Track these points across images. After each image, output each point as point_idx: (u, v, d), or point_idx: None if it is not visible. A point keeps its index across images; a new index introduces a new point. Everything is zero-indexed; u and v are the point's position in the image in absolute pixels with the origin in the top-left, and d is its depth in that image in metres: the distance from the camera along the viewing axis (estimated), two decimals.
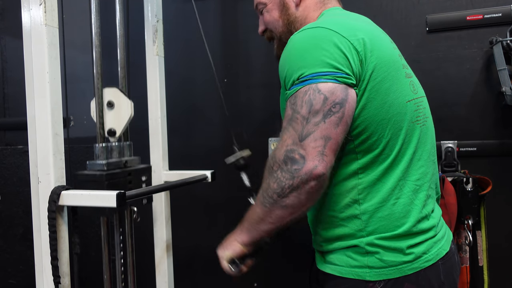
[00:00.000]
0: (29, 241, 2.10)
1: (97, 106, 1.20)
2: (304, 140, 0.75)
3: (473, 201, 1.42)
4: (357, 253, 0.85)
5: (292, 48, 0.84)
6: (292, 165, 0.75)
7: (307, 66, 0.79)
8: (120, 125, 1.22)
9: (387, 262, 0.83)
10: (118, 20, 1.32)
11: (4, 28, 2.22)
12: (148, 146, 1.50)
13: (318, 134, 0.75)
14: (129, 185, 1.21)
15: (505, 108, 1.53)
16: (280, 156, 0.77)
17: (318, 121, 0.76)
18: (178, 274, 1.62)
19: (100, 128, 1.20)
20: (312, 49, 0.81)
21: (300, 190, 0.76)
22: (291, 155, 0.75)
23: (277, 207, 0.79)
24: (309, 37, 0.83)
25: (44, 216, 1.02)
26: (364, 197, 0.85)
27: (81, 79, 1.95)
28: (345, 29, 0.83)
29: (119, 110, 1.22)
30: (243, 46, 1.86)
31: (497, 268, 1.53)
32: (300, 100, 0.78)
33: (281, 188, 0.77)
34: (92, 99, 1.23)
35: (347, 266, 0.86)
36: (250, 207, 0.89)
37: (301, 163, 0.74)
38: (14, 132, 2.22)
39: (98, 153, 1.17)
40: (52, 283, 1.02)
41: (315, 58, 0.79)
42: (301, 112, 0.77)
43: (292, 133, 0.77)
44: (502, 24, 1.53)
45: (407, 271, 0.83)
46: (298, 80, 0.80)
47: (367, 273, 0.84)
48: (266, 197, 0.80)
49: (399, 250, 0.83)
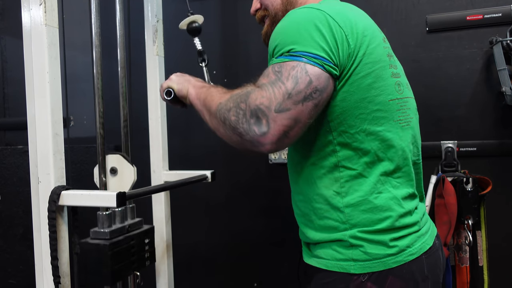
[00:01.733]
0: (29, 241, 2.10)
1: (100, 172, 1.21)
2: (279, 113, 0.75)
3: (473, 201, 1.43)
4: (341, 246, 0.86)
5: (290, 21, 0.84)
6: (255, 125, 0.75)
7: (300, 42, 0.79)
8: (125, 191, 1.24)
9: (371, 255, 0.84)
10: (118, 20, 1.32)
11: (4, 28, 2.22)
12: (148, 146, 1.50)
13: (293, 114, 0.75)
14: (132, 250, 1.24)
15: (505, 108, 1.53)
16: (251, 104, 0.76)
17: (297, 100, 0.76)
18: (178, 274, 1.62)
19: None
20: (309, 27, 0.81)
21: (242, 142, 0.79)
22: (260, 117, 0.75)
23: (222, 127, 0.82)
24: (310, 16, 0.83)
25: (44, 216, 1.02)
26: (346, 191, 0.86)
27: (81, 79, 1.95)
28: (345, 20, 0.83)
29: (122, 176, 1.24)
30: (243, 46, 1.86)
31: (497, 268, 1.53)
32: (287, 72, 0.77)
33: (234, 126, 0.78)
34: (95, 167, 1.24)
35: (333, 259, 0.87)
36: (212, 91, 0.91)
37: (262, 131, 0.75)
38: (14, 132, 2.22)
39: (101, 221, 1.18)
40: (52, 283, 1.02)
41: (310, 37, 0.79)
42: (286, 84, 0.76)
43: (272, 96, 0.76)
44: (502, 24, 1.53)
45: (391, 264, 0.84)
46: (288, 53, 0.79)
47: (352, 266, 0.84)
48: (222, 112, 0.81)
49: (382, 243, 0.84)
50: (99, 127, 1.22)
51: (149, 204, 1.49)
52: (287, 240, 1.81)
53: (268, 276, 1.85)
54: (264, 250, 1.85)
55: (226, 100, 0.82)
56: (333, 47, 0.80)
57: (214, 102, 0.86)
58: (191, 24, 1.29)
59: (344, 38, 0.81)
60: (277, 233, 1.82)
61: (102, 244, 1.13)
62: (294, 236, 1.81)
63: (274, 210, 1.80)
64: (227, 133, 0.81)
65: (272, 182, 1.81)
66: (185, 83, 1.01)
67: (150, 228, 1.35)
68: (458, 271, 1.48)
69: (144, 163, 1.54)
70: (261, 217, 1.84)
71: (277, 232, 1.82)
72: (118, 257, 1.16)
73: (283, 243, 1.82)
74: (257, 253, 1.86)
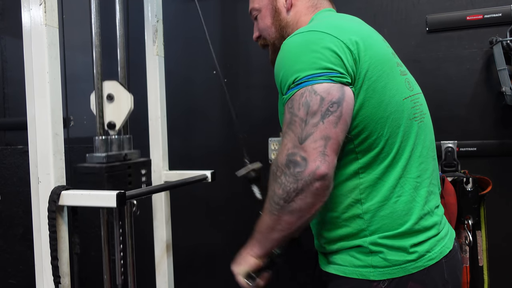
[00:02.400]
0: (29, 241, 2.10)
1: (97, 99, 1.21)
2: (304, 142, 0.75)
3: (473, 201, 1.42)
4: (360, 253, 0.86)
5: (285, 52, 0.85)
6: (295, 168, 0.74)
7: (301, 70, 0.79)
8: (120, 118, 1.22)
9: (391, 261, 0.83)
10: (118, 20, 1.32)
11: (4, 28, 2.22)
12: (148, 146, 1.50)
13: (318, 135, 0.75)
14: (128, 178, 1.21)
15: (505, 108, 1.53)
16: (282, 161, 0.77)
17: (316, 122, 0.76)
18: (178, 274, 1.62)
19: (100, 121, 1.20)
20: (304, 52, 0.81)
21: (305, 193, 0.75)
22: (293, 158, 0.75)
23: (285, 213, 0.78)
24: (301, 41, 0.83)
25: (44, 216, 1.02)
26: (366, 197, 0.85)
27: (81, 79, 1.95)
28: (337, 30, 0.84)
29: (119, 103, 1.23)
30: (243, 46, 1.86)
31: (497, 268, 1.53)
32: (297, 103, 0.78)
33: (286, 192, 0.76)
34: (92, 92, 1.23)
35: (351, 266, 0.87)
36: (259, 218, 0.88)
37: (303, 165, 0.74)
38: (14, 132, 2.22)
39: (98, 145, 1.17)
40: (52, 283, 1.02)
41: (308, 61, 0.80)
42: (299, 115, 0.77)
43: (292, 136, 0.77)
44: (502, 24, 1.53)
45: (411, 270, 0.83)
46: (293, 84, 0.80)
47: (371, 272, 0.84)
48: (273, 204, 0.79)
49: (402, 249, 0.84)
50: (99, 127, 1.22)
51: (149, 204, 1.49)
52: None
53: None
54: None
55: (268, 197, 0.82)
56: (334, 58, 0.80)
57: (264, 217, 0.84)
58: (250, 174, 1.25)
59: (343, 46, 0.81)
60: None
61: (98, 167, 1.11)
62: None
63: None
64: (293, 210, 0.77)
65: None
66: (242, 256, 0.97)
67: (147, 160, 1.34)
68: None
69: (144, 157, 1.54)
70: None
71: None
72: (114, 181, 1.14)
73: None
74: None
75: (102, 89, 1.21)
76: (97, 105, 1.20)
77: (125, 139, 1.29)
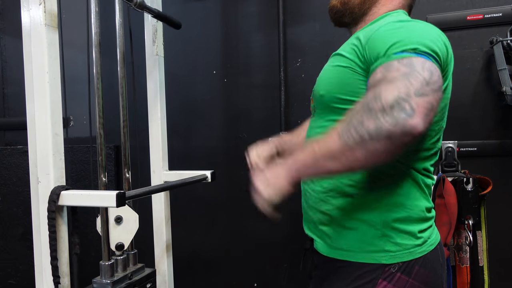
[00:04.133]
0: (29, 241, 2.10)
1: (104, 222, 1.21)
2: (420, 96, 0.71)
3: (473, 201, 1.42)
4: (373, 237, 0.88)
5: (405, 27, 0.85)
6: (400, 112, 0.69)
7: (422, 44, 0.79)
8: (128, 239, 1.24)
9: (401, 245, 0.87)
10: (118, 20, 1.32)
11: (4, 28, 2.22)
12: (148, 146, 1.50)
13: (431, 99, 0.73)
14: None
15: (505, 108, 1.53)
16: (388, 99, 0.71)
17: (434, 89, 0.74)
18: (178, 274, 1.62)
19: (106, 243, 1.21)
20: (427, 33, 0.83)
21: (394, 139, 0.70)
22: (402, 103, 0.70)
23: (361, 147, 0.72)
24: (425, 25, 0.86)
25: (44, 216, 1.01)
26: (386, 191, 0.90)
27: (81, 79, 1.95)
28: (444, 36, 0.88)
29: (127, 225, 1.24)
30: (243, 46, 1.86)
31: (497, 268, 1.53)
32: (420, 65, 0.75)
33: (378, 129, 0.70)
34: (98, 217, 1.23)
35: (362, 251, 0.89)
36: (312, 142, 0.79)
37: (409, 115, 0.69)
38: (14, 132, 2.22)
39: (104, 271, 1.19)
40: (52, 283, 1.02)
41: (430, 41, 0.81)
42: (423, 74, 0.74)
43: (409, 85, 0.72)
44: (502, 24, 1.53)
45: (417, 254, 0.87)
46: (413, 50, 0.78)
47: (383, 256, 0.87)
48: (353, 133, 0.72)
49: (411, 233, 0.88)
50: (99, 127, 1.22)
51: (149, 204, 1.49)
52: (287, 240, 1.81)
53: (268, 276, 1.85)
54: (264, 250, 1.85)
55: (347, 123, 0.74)
56: (444, 55, 0.83)
57: (331, 140, 0.76)
58: None
59: (449, 48, 0.87)
60: (277, 233, 1.82)
61: None
62: (294, 236, 1.82)
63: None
64: (370, 149, 0.72)
65: None
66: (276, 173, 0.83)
67: (152, 272, 1.36)
68: (458, 271, 1.48)
69: (144, 163, 1.54)
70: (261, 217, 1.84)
71: (277, 232, 1.82)
72: None
73: (283, 243, 1.82)
74: (257, 253, 1.86)
75: (108, 211, 1.22)
76: (104, 228, 1.21)
77: (130, 256, 1.31)
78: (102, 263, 1.19)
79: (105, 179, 1.21)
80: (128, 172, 1.35)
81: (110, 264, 1.19)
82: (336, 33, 1.71)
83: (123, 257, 1.26)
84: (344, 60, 0.90)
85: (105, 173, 1.21)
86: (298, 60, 1.78)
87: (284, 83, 1.77)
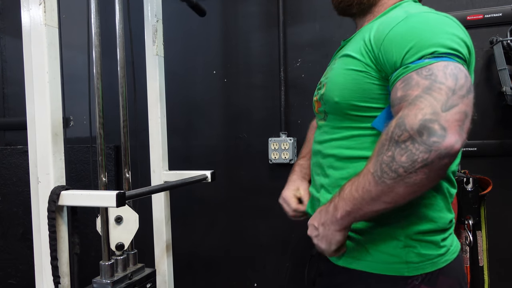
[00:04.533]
0: (29, 241, 2.10)
1: (104, 222, 1.21)
2: (448, 111, 0.67)
3: (473, 201, 1.42)
4: (396, 248, 0.84)
5: (421, 24, 0.79)
6: (430, 136, 0.65)
7: (441, 45, 0.75)
8: (128, 239, 1.24)
9: (424, 256, 0.83)
10: (118, 20, 1.32)
11: (4, 28, 2.22)
12: (148, 146, 1.50)
13: (462, 108, 0.69)
14: None
15: (505, 108, 1.53)
16: (414, 125, 0.66)
17: (462, 95, 0.70)
18: (178, 274, 1.62)
19: (106, 243, 1.20)
20: (444, 30, 0.77)
21: (432, 166, 0.66)
22: (430, 126, 0.65)
23: (401, 184, 0.68)
24: (439, 19, 0.80)
25: (43, 216, 1.01)
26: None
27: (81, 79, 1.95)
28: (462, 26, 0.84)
29: (127, 224, 1.24)
30: (243, 46, 1.86)
31: (497, 268, 1.53)
32: (442, 72, 0.71)
33: (412, 161, 0.66)
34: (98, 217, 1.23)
35: (383, 262, 0.84)
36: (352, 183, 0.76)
37: (441, 136, 0.65)
38: (14, 132, 2.22)
39: (104, 271, 1.18)
40: (52, 283, 1.01)
41: (449, 39, 0.76)
42: (446, 83, 0.69)
43: (432, 101, 0.68)
44: (502, 24, 1.53)
45: (441, 264, 0.84)
46: (431, 55, 0.74)
47: (405, 268, 0.83)
48: (387, 171, 0.68)
49: (434, 243, 0.84)
50: (99, 127, 1.22)
51: (149, 204, 1.49)
52: (288, 240, 1.81)
53: (268, 276, 1.85)
54: (264, 250, 1.85)
55: (378, 161, 0.70)
56: (466, 50, 0.78)
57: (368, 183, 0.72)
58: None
59: (471, 44, 0.81)
60: (277, 233, 1.82)
61: None
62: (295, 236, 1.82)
63: (274, 210, 1.80)
64: (410, 183, 0.68)
65: (272, 182, 1.81)
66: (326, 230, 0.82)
67: (152, 272, 1.36)
68: None
69: (144, 163, 1.54)
70: (261, 217, 1.84)
71: (277, 232, 1.82)
72: None
73: (284, 243, 1.82)
74: (257, 253, 1.86)
75: (108, 212, 1.21)
76: (104, 228, 1.20)
77: (130, 256, 1.31)
78: (102, 263, 1.19)
79: (105, 179, 1.21)
80: (128, 172, 1.35)
81: (110, 264, 1.19)
82: (336, 33, 1.72)
83: (123, 257, 1.26)
84: (357, 64, 0.85)
85: (105, 173, 1.20)
86: (298, 60, 1.78)
87: (284, 83, 1.77)
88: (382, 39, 0.80)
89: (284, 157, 1.75)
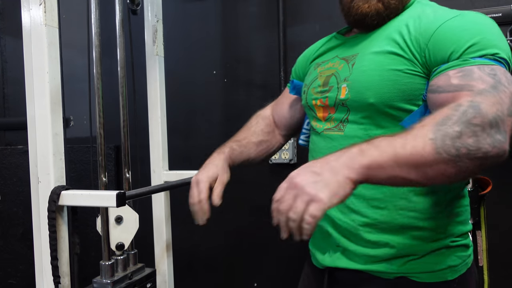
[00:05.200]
0: (29, 241, 2.10)
1: (104, 222, 1.21)
2: (510, 116, 0.66)
3: (473, 201, 1.42)
4: (439, 255, 0.84)
5: (488, 24, 0.78)
6: (497, 133, 0.63)
7: (502, 49, 0.74)
8: (128, 239, 1.25)
9: (461, 257, 0.86)
10: (118, 20, 1.32)
11: (4, 28, 2.22)
12: (148, 146, 1.50)
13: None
14: None
15: None
16: (489, 114, 0.63)
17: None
18: (178, 274, 1.62)
19: (106, 243, 1.21)
20: (501, 34, 0.77)
21: (486, 161, 0.64)
22: (500, 124, 0.64)
23: (455, 163, 0.62)
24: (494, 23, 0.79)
25: (44, 216, 1.02)
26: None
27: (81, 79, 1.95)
28: None
29: (127, 224, 1.24)
30: (243, 46, 1.86)
31: (497, 268, 1.53)
32: (504, 77, 0.70)
33: (477, 148, 0.62)
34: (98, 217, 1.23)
35: (429, 271, 0.83)
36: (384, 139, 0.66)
37: (504, 137, 0.64)
38: (14, 132, 2.22)
39: (104, 271, 1.19)
40: (52, 283, 1.02)
41: (505, 44, 0.76)
42: (510, 89, 0.68)
43: (501, 102, 0.66)
44: (502, 24, 1.52)
45: (469, 264, 0.87)
46: (492, 56, 0.73)
47: (448, 273, 0.84)
48: (449, 145, 0.61)
49: (466, 245, 0.88)
50: (99, 127, 1.22)
51: (149, 204, 1.49)
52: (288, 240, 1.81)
53: (268, 276, 1.85)
54: (264, 250, 1.85)
55: (442, 131, 0.63)
56: None
57: (422, 147, 0.62)
58: None
59: None
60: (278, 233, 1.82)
61: None
62: None
63: None
64: (462, 167, 0.63)
65: (272, 182, 1.80)
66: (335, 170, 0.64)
67: (152, 272, 1.37)
68: None
69: (144, 163, 1.54)
70: (261, 217, 1.84)
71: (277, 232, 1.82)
72: None
73: (284, 243, 1.82)
74: (257, 253, 1.86)
75: (108, 212, 1.21)
76: (104, 228, 1.20)
77: (130, 256, 1.31)
78: (102, 263, 1.19)
79: (105, 179, 1.22)
80: (128, 172, 1.35)
81: (110, 264, 1.20)
82: None
83: (123, 257, 1.26)
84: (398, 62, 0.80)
85: (105, 173, 1.21)
86: None
87: (284, 83, 1.77)
88: (432, 31, 0.77)
89: (284, 157, 1.75)
